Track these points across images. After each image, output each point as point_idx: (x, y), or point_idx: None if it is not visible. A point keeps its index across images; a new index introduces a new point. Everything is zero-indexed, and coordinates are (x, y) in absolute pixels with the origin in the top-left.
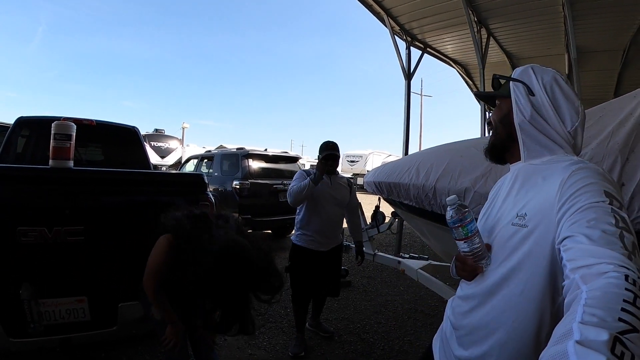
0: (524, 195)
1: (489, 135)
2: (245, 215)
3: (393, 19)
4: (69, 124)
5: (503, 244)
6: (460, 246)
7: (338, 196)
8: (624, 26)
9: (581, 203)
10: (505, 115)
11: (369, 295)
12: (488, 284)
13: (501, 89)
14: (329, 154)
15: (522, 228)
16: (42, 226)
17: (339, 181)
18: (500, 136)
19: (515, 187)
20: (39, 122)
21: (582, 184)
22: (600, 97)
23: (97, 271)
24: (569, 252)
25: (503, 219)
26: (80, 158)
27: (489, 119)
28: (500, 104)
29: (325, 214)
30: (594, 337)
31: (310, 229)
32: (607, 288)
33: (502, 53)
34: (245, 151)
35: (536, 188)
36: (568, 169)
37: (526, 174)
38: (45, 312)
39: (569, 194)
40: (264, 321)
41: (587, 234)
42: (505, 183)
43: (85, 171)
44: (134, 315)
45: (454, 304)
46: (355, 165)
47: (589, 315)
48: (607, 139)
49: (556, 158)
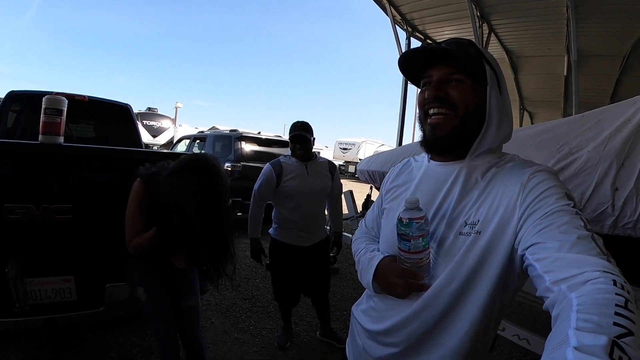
0: (470, 202)
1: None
2: (236, 198)
3: (395, 8)
4: (60, 99)
5: (449, 256)
6: (408, 259)
7: (317, 186)
8: (626, 33)
9: (547, 207)
10: (481, 105)
11: (356, 282)
12: (428, 297)
13: (464, 62)
14: (294, 135)
15: (474, 236)
16: (30, 203)
17: (318, 167)
18: (469, 126)
19: (453, 193)
20: (30, 97)
21: (544, 187)
22: (597, 101)
23: (85, 251)
24: (544, 262)
25: (440, 227)
26: (71, 134)
27: (445, 92)
28: (472, 84)
29: (303, 209)
30: (592, 343)
31: (288, 224)
32: (598, 294)
33: (502, 50)
34: (238, 133)
35: (485, 193)
36: (525, 171)
37: (465, 178)
38: (32, 291)
39: (532, 198)
40: (251, 305)
41: (562, 241)
42: (428, 183)
43: (75, 147)
44: (121, 296)
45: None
46: (348, 152)
47: (583, 322)
48: (604, 143)
49: (495, 157)
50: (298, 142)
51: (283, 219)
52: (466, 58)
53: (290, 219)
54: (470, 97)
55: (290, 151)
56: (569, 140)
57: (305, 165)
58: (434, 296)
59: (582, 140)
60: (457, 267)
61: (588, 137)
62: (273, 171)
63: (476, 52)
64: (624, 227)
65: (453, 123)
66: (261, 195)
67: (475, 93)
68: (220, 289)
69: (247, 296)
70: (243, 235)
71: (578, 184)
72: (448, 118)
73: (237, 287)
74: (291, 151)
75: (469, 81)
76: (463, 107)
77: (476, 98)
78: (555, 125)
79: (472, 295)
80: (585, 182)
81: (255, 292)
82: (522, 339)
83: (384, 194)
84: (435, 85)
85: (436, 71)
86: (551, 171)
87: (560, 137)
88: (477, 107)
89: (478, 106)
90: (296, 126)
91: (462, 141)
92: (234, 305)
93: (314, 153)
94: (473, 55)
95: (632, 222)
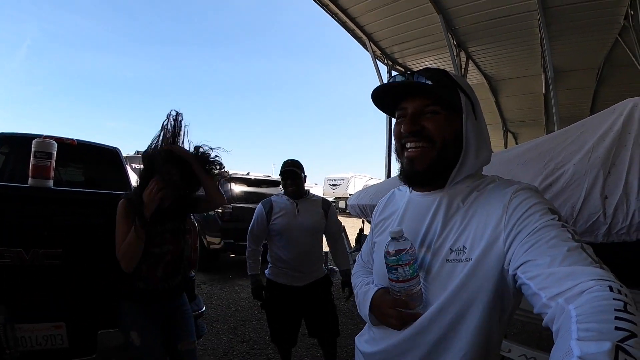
0: (454, 228)
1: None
2: (228, 239)
3: (375, 44)
4: (50, 142)
5: (438, 284)
6: (398, 289)
7: (308, 224)
8: (598, 45)
9: (533, 224)
10: (459, 134)
11: (355, 318)
12: (421, 323)
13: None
14: (285, 171)
15: (462, 263)
16: (19, 247)
17: (310, 206)
18: (448, 157)
19: (436, 221)
20: (20, 139)
21: (527, 205)
22: (576, 114)
23: (76, 296)
24: (538, 279)
25: (430, 256)
26: (60, 178)
27: (421, 125)
28: (447, 114)
29: (294, 247)
30: (595, 350)
31: (281, 263)
32: (595, 301)
33: (481, 75)
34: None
35: (467, 217)
36: (506, 192)
37: (447, 206)
38: (22, 337)
39: (516, 218)
40: (249, 348)
41: (552, 255)
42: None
43: (65, 191)
44: (114, 343)
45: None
46: (337, 188)
47: (584, 331)
48: (589, 154)
49: (475, 181)
50: (289, 179)
51: (276, 257)
52: (440, 89)
53: (282, 257)
54: (447, 127)
55: (282, 188)
56: (554, 156)
57: (296, 203)
58: (428, 323)
59: (567, 155)
60: (448, 293)
61: (572, 151)
62: (263, 209)
63: (450, 81)
64: (618, 234)
65: (431, 156)
66: (254, 234)
67: (450, 122)
68: (216, 332)
69: (244, 339)
70: (237, 276)
71: (567, 197)
72: (425, 151)
73: (234, 330)
74: (283, 188)
75: (444, 112)
76: (440, 139)
77: (452, 127)
78: (539, 143)
79: (468, 319)
80: (574, 195)
81: (252, 335)
82: (529, 358)
83: (373, 227)
84: (410, 119)
85: (410, 103)
86: (532, 188)
87: (545, 153)
88: (454, 137)
89: (455, 135)
90: (286, 163)
91: (441, 172)
92: (231, 349)
93: (306, 190)
94: (447, 85)
95: (625, 227)
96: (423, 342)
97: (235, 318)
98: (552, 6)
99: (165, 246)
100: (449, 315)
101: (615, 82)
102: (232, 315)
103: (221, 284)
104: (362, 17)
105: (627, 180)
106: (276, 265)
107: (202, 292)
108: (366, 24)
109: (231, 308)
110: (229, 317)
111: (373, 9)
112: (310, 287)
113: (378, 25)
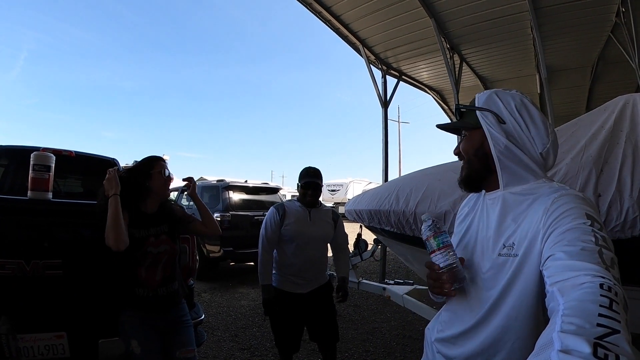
0: (509, 225)
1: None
2: (227, 247)
3: (368, 49)
4: (48, 155)
5: (493, 274)
6: (435, 260)
7: (319, 234)
8: (591, 43)
9: (563, 226)
10: (479, 148)
11: (355, 324)
12: (482, 312)
13: (467, 117)
14: (308, 182)
15: (511, 258)
16: (20, 259)
17: (322, 216)
18: (475, 168)
19: (495, 217)
20: (18, 152)
21: (564, 209)
22: (572, 113)
23: (77, 306)
24: (549, 270)
25: (487, 249)
26: (59, 190)
27: (458, 149)
28: (470, 134)
29: (303, 256)
30: (575, 344)
31: (287, 270)
32: (583, 297)
33: (475, 77)
34: (225, 183)
35: (521, 217)
36: (550, 197)
37: (506, 203)
38: (24, 347)
39: (552, 220)
40: (250, 355)
41: (566, 251)
42: (481, 212)
43: (64, 203)
44: (115, 352)
45: (441, 336)
46: (336, 194)
47: (567, 325)
48: (581, 152)
49: (535, 185)
50: (310, 189)
51: (282, 264)
52: (462, 122)
53: (289, 264)
54: (469, 145)
55: (300, 196)
56: None
57: (309, 212)
58: (489, 311)
59: (560, 153)
60: (502, 285)
61: (564, 150)
62: (277, 213)
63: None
64: (612, 231)
65: (465, 168)
66: (268, 239)
67: (471, 140)
68: (217, 340)
69: (245, 346)
70: (238, 284)
71: None
72: (463, 165)
73: (235, 338)
74: (300, 197)
75: (469, 133)
76: (466, 155)
77: (473, 144)
78: None
79: (521, 311)
80: None
81: (253, 342)
82: None
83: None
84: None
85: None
86: (575, 194)
87: None
88: (474, 150)
89: (475, 149)
90: (309, 173)
91: (474, 179)
92: (232, 357)
93: (318, 201)
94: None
95: (619, 224)
96: (483, 332)
97: (236, 325)
98: (543, 6)
99: (162, 246)
100: (507, 307)
101: (609, 79)
102: (232, 323)
103: (221, 292)
104: (355, 23)
105: (620, 177)
106: (281, 272)
107: (202, 301)
108: (359, 30)
109: (232, 316)
110: (229, 325)
111: (366, 14)
112: (314, 294)
113: (371, 31)
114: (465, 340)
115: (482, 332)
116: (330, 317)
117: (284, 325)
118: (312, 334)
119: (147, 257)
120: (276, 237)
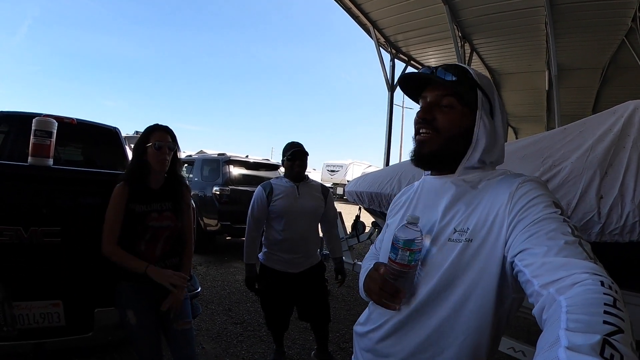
0: (460, 209)
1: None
2: (225, 222)
3: (379, 31)
4: (50, 121)
5: (440, 261)
6: (392, 270)
7: (308, 208)
8: (604, 45)
9: (535, 215)
10: (467, 128)
11: (347, 304)
12: (422, 303)
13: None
14: (294, 152)
15: (462, 243)
16: (18, 225)
17: (310, 190)
18: (453, 149)
19: (445, 201)
20: (19, 118)
21: (532, 196)
22: (578, 113)
23: (74, 275)
24: (532, 267)
25: (432, 233)
26: (59, 157)
27: (432, 115)
28: (457, 108)
29: (293, 230)
30: (583, 342)
31: (277, 248)
32: (586, 294)
33: (485, 68)
34: (226, 157)
35: (475, 202)
36: (513, 182)
37: (458, 187)
38: (19, 315)
39: (520, 206)
40: (242, 329)
41: (549, 246)
42: (426, 195)
43: (65, 170)
44: (110, 321)
45: (372, 335)
46: (336, 175)
47: (573, 322)
48: (587, 153)
49: (487, 172)
50: (297, 159)
51: (273, 241)
52: (459, 86)
53: (279, 241)
54: (457, 122)
55: (286, 170)
56: (552, 153)
57: (297, 186)
58: (430, 302)
59: (565, 152)
60: (445, 270)
61: (571, 149)
62: (263, 191)
63: (471, 79)
64: (611, 234)
65: (437, 142)
66: (255, 218)
67: (463, 118)
68: (211, 313)
69: (238, 320)
70: (233, 259)
71: (563, 194)
72: (430, 137)
73: (228, 312)
74: (287, 170)
75: (460, 107)
76: (446, 132)
77: (463, 123)
78: (539, 139)
79: (472, 302)
80: (570, 193)
81: (246, 317)
82: (517, 351)
83: (389, 210)
84: (425, 108)
85: (430, 93)
86: (539, 181)
87: (544, 150)
88: (463, 132)
89: (463, 131)
90: (293, 144)
91: (446, 159)
92: (225, 330)
93: (306, 175)
94: (467, 83)
95: (618, 228)
96: (423, 324)
97: (230, 300)
98: (559, 3)
99: (165, 222)
100: (454, 296)
101: (619, 83)
102: (226, 297)
103: (217, 265)
104: (367, 4)
105: (624, 181)
106: (272, 250)
107: (197, 274)
108: (371, 11)
109: (226, 290)
110: (223, 299)
111: None
112: (305, 274)
113: (383, 13)
114: (402, 335)
115: (424, 325)
116: (322, 298)
117: (274, 304)
118: (301, 314)
119: (147, 230)
120: (263, 215)
